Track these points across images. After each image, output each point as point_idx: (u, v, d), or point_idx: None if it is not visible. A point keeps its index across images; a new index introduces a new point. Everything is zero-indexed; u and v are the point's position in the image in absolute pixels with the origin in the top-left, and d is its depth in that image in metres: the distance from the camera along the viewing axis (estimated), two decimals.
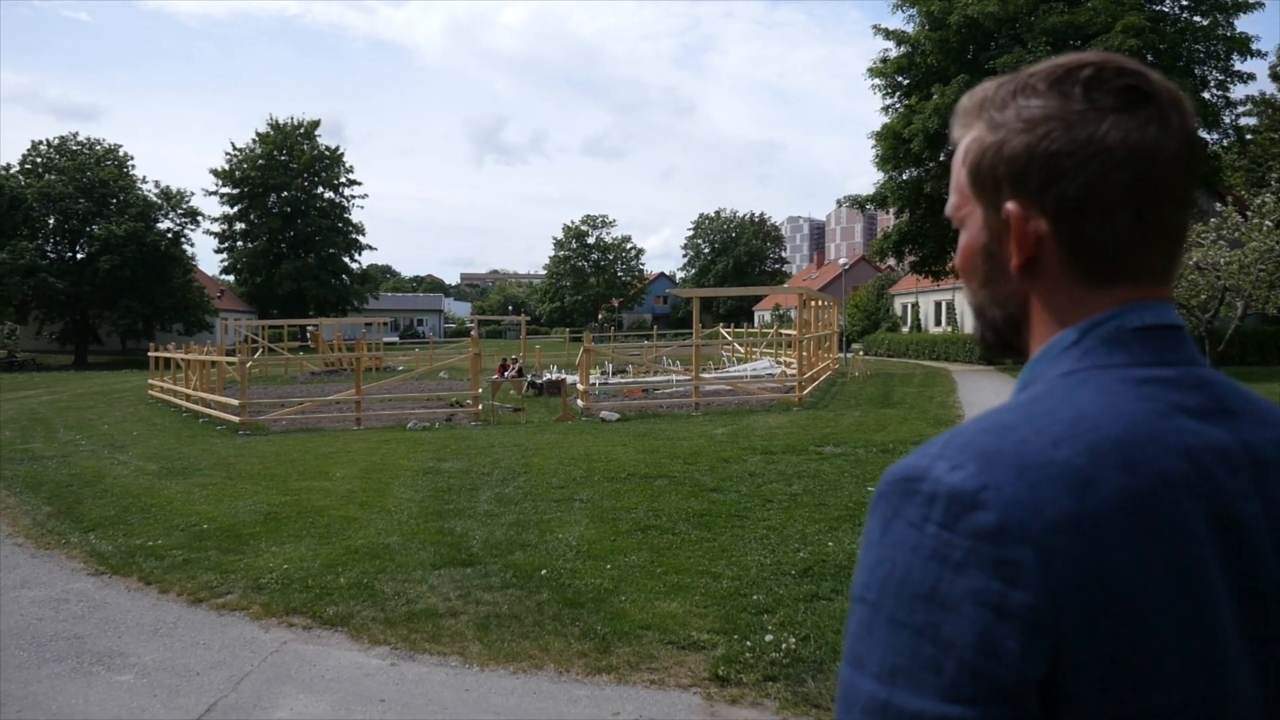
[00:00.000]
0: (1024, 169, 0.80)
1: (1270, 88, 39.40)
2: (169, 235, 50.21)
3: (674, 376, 24.70)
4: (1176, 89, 0.81)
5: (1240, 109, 27.38)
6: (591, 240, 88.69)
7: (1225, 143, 27.46)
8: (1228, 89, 26.78)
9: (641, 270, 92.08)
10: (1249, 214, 22.10)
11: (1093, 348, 0.79)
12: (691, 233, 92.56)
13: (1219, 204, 23.34)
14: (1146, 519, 0.70)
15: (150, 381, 24.43)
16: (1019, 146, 0.80)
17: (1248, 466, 0.76)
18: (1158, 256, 0.81)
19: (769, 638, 4.92)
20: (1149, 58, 25.43)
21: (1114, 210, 0.78)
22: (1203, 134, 26.83)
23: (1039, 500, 0.69)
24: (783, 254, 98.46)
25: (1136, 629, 0.68)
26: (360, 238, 66.80)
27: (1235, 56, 26.26)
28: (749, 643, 4.88)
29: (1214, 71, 26.73)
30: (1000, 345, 0.89)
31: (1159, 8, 26.67)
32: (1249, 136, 28.87)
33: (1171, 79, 0.84)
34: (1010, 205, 0.81)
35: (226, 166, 62.93)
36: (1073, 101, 0.78)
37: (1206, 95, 26.31)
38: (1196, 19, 26.50)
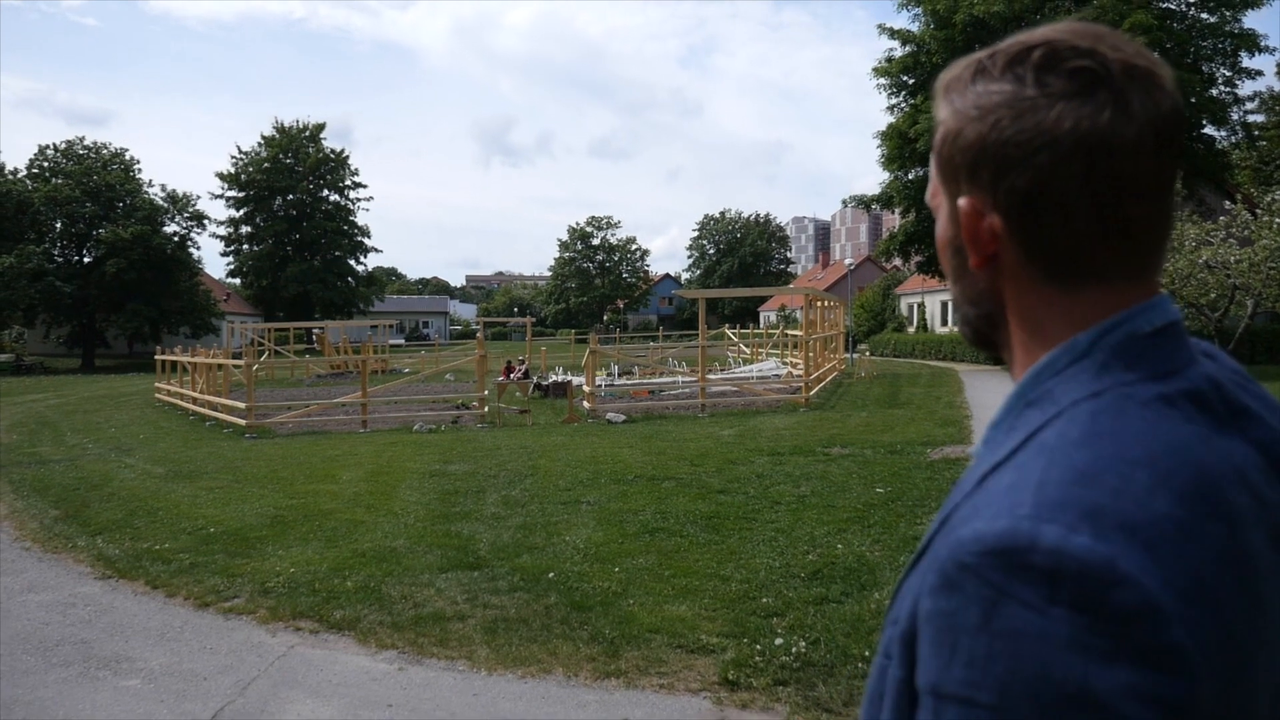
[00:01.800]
0: (975, 161, 0.74)
1: (1278, 84, 39.27)
2: (175, 238, 50.36)
3: (680, 378, 24.67)
4: (1150, 65, 0.72)
5: (1248, 105, 27.28)
6: (596, 241, 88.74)
7: (1234, 140, 27.34)
8: (1235, 85, 26.68)
9: (647, 271, 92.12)
10: (1259, 212, 21.99)
11: (1108, 362, 0.72)
12: (696, 233, 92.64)
13: (1228, 202, 23.23)
14: (1239, 569, 0.64)
15: (157, 385, 24.47)
16: (972, 136, 0.74)
17: (1270, 469, 0.72)
18: (1129, 253, 0.73)
19: (779, 641, 4.88)
20: (1155, 55, 25.35)
21: (1069, 206, 0.70)
22: (1211, 131, 26.72)
23: (1163, 567, 0.60)
24: (788, 254, 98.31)
25: (1247, 693, 0.62)
26: (366, 240, 66.89)
27: (1243, 53, 26.17)
28: (759, 646, 4.84)
29: (1222, 68, 26.63)
30: (980, 342, 0.84)
31: (1167, 5, 26.57)
32: (1257, 134, 28.72)
33: (1178, 76, 0.76)
34: (962, 201, 0.76)
35: (232, 170, 63.02)
36: (1025, 86, 0.72)
37: (1214, 92, 26.21)
38: (1204, 15, 26.40)
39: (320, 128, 65.18)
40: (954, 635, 0.62)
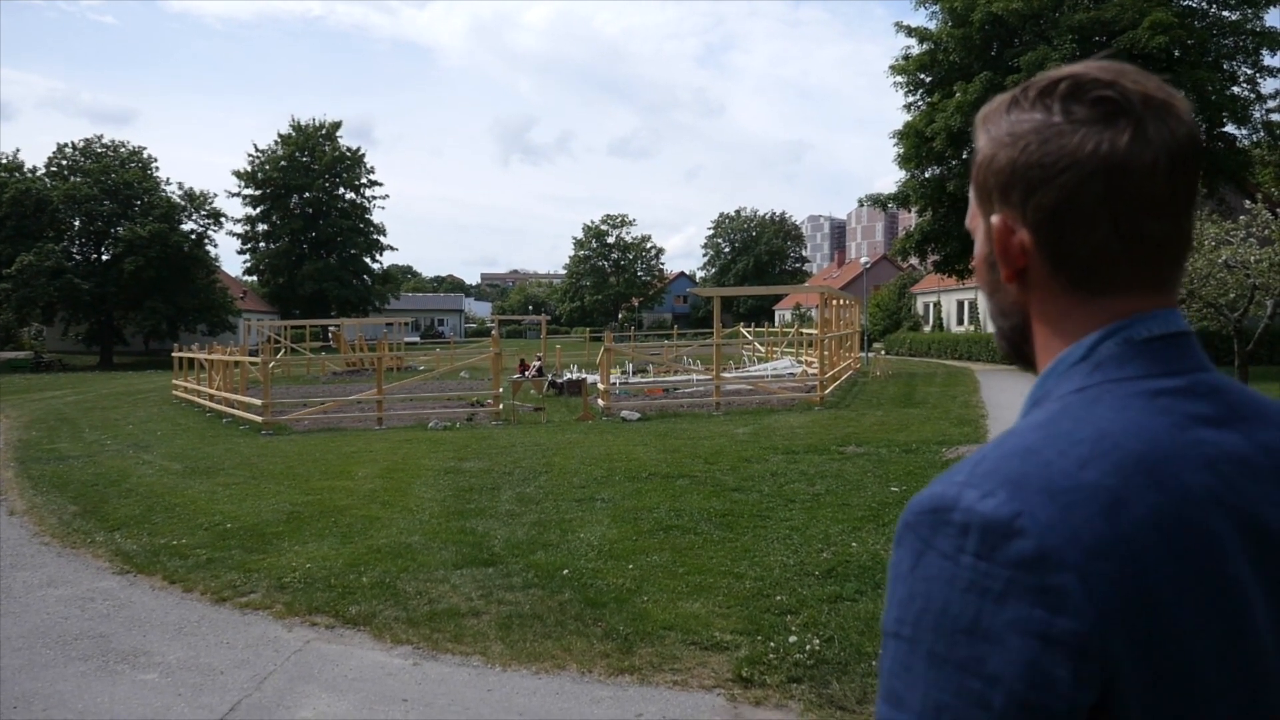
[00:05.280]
0: (1007, 182, 0.82)
1: None
2: (192, 236, 50.67)
3: (694, 376, 24.65)
4: (1167, 98, 0.79)
5: (1270, 104, 26.93)
6: (611, 240, 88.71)
7: (1255, 138, 27.03)
8: (1257, 83, 26.38)
9: (662, 269, 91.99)
10: None
11: (1102, 362, 0.79)
12: (712, 232, 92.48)
13: (1248, 201, 23.01)
14: (1179, 536, 0.70)
15: (174, 382, 24.64)
16: (1004, 160, 0.82)
17: (1269, 471, 0.77)
18: (1146, 267, 0.80)
19: (793, 639, 4.87)
20: (1176, 53, 25.08)
21: (1090, 221, 0.78)
22: (1231, 130, 26.43)
23: (1074, 524, 0.68)
24: (803, 253, 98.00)
25: (1178, 648, 0.68)
26: (381, 238, 67.13)
27: (1265, 51, 25.86)
28: (772, 644, 4.84)
29: (1243, 66, 26.33)
30: (1014, 353, 0.91)
31: (1187, 2, 26.31)
32: (1279, 132, 28.39)
33: (1199, 74, 0.80)
34: (995, 218, 0.84)
35: (249, 168, 63.35)
36: (1052, 115, 0.80)
37: (1236, 90, 25.91)
38: (1225, 13, 26.12)
39: (336, 126, 65.45)
40: (894, 583, 0.73)
